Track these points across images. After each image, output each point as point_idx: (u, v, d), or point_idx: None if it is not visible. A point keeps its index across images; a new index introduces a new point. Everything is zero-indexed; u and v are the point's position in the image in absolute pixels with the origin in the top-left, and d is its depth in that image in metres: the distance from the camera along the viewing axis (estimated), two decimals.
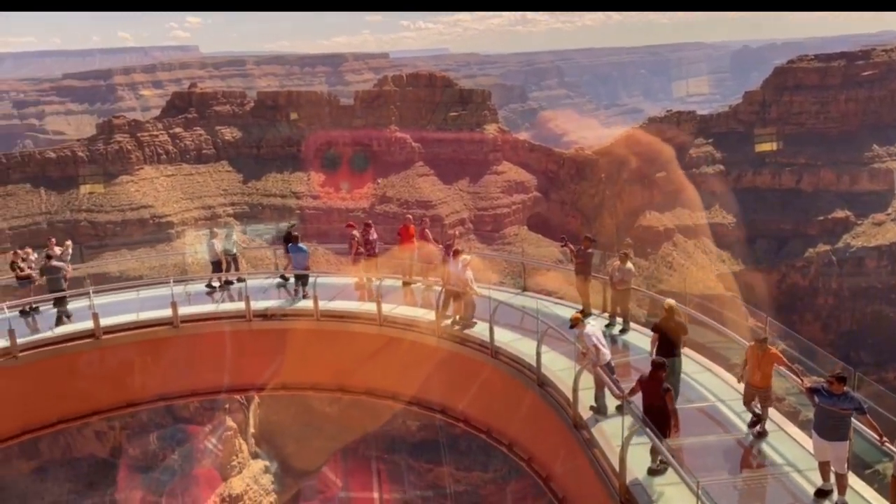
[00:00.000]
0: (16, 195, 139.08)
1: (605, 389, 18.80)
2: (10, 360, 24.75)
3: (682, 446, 17.33)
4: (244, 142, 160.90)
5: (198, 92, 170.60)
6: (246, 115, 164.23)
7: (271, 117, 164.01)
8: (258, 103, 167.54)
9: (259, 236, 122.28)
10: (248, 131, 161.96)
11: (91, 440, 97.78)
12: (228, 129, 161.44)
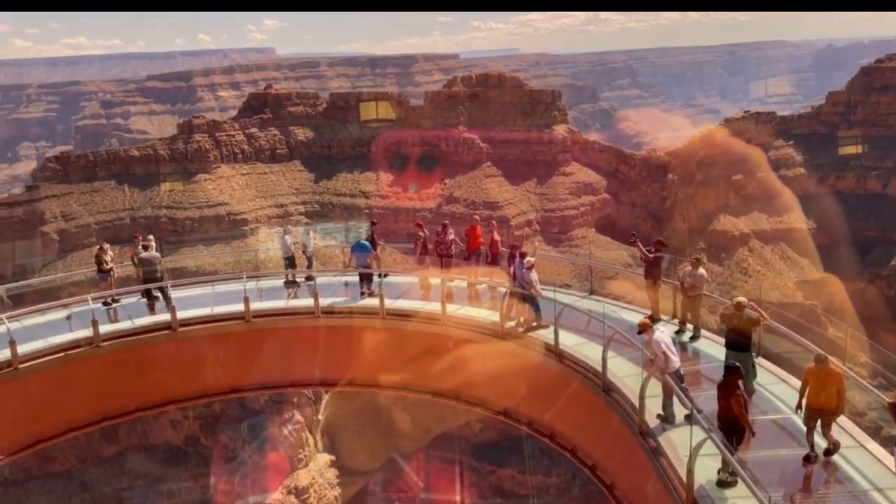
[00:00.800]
0: (102, 191, 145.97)
1: (673, 398, 18.32)
2: (93, 350, 25.97)
3: (754, 459, 16.70)
4: (316, 142, 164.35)
5: (273, 93, 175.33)
6: (318, 115, 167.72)
7: (342, 118, 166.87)
8: (330, 104, 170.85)
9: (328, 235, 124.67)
10: (319, 131, 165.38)
11: (166, 428, 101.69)
12: (301, 130, 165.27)
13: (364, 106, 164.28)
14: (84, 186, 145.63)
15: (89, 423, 27.79)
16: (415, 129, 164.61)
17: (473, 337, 26.42)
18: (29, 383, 24.81)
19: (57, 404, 25.93)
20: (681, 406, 18.05)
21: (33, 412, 25.42)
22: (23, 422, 25.24)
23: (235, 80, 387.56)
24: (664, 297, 25.50)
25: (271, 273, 35.20)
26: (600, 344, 21.43)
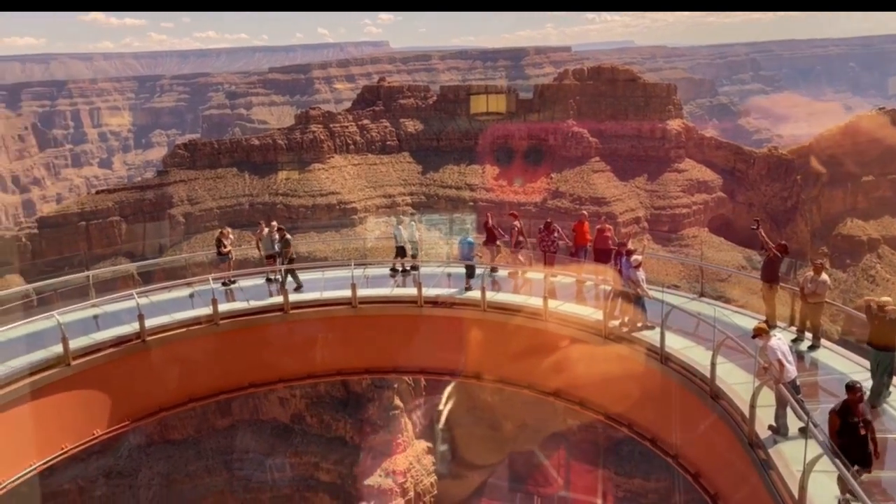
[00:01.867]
0: (224, 178, 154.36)
1: (787, 408, 17.38)
2: (212, 327, 27.61)
3: (879, 479, 15.55)
4: (425, 134, 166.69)
5: (385, 86, 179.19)
6: (428, 108, 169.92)
7: (452, 111, 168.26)
8: (440, 97, 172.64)
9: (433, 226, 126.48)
10: (429, 124, 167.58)
11: (275, 405, 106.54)
12: (411, 122, 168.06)
13: (475, 99, 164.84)
14: (208, 173, 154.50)
15: (207, 396, 29.58)
16: (523, 123, 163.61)
17: (576, 335, 26.07)
18: (154, 355, 26.68)
19: (179, 376, 27.73)
20: (795, 418, 17.11)
21: (157, 382, 27.30)
22: (148, 391, 27.16)
23: (351, 72, 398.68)
24: (781, 303, 24.19)
25: (378, 261, 36.09)
26: (709, 349, 20.64)
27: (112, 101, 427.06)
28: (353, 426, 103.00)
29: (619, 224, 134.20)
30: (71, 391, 24.40)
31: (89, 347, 25.13)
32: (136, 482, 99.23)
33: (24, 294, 29.54)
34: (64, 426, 24.38)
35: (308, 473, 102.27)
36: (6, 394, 22.11)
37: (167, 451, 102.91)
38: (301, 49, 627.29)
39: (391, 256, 33.49)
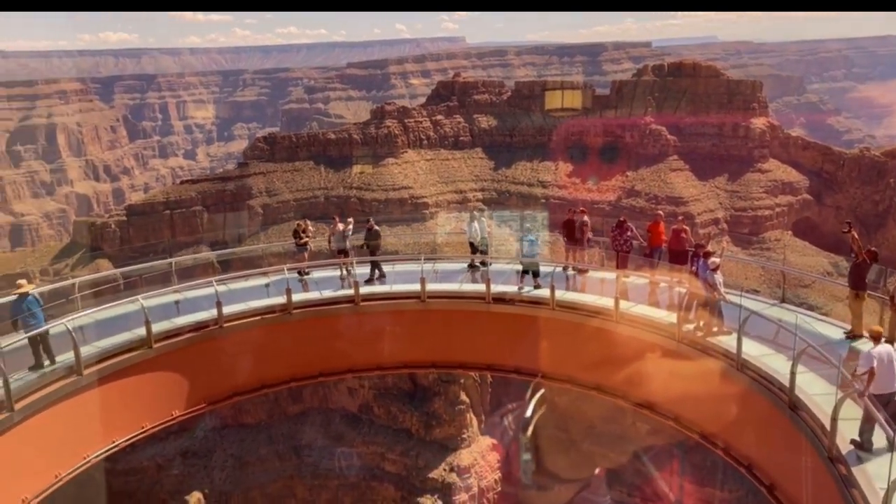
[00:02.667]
0: (301, 171, 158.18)
1: (873, 424, 16.48)
2: (285, 316, 28.34)
3: None
4: (498, 130, 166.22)
5: (460, 81, 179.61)
6: (502, 104, 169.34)
7: (526, 107, 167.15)
8: (514, 93, 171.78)
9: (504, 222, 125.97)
10: (502, 120, 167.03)
11: (344, 395, 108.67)
12: (485, 118, 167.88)
13: (549, 95, 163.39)
14: (286, 165, 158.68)
15: (279, 383, 30.40)
16: (598, 119, 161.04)
17: (648, 338, 25.49)
18: (231, 341, 27.59)
19: (253, 363, 28.59)
20: (882, 434, 16.22)
21: (233, 368, 28.22)
22: (224, 376, 28.11)
23: (426, 68, 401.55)
24: (868, 312, 22.95)
25: (447, 256, 36.24)
26: (789, 357, 19.80)
27: (197, 94, 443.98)
28: (418, 419, 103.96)
29: (697, 225, 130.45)
30: (152, 373, 25.48)
31: (170, 331, 26.18)
32: (209, 463, 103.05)
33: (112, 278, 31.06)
34: (144, 406, 25.50)
35: (374, 463, 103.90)
36: (92, 373, 23.28)
37: (240, 434, 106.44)
38: (378, 45, 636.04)
39: (461, 252, 33.54)
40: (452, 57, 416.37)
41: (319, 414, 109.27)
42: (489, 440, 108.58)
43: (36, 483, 21.59)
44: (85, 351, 23.37)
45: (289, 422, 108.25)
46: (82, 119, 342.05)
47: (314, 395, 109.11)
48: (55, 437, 22.43)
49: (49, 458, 22.28)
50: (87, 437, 23.71)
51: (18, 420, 20.62)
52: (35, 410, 21.29)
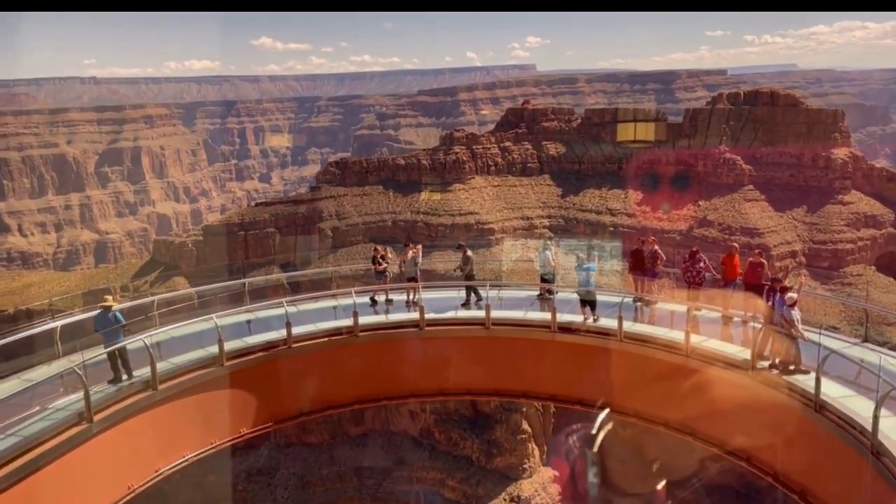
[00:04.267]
0: (370, 195, 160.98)
1: None
2: (352, 339, 28.72)
3: None
4: (567, 157, 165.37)
5: (529, 108, 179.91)
6: (571, 131, 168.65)
7: (595, 134, 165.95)
8: (584, 120, 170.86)
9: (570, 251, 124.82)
10: (571, 147, 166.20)
11: (405, 418, 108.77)
12: (553, 145, 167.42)
13: (622, 127, 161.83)
14: (356, 190, 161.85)
15: (344, 404, 30.73)
16: (671, 148, 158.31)
17: (719, 373, 24.67)
18: (299, 362, 28.11)
19: (319, 383, 29.02)
20: None
21: (300, 388, 28.72)
22: (291, 395, 28.63)
23: (496, 95, 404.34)
24: None
25: (513, 284, 36.07)
26: (872, 399, 18.80)
27: (274, 120, 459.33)
28: (479, 447, 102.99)
29: (773, 258, 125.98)
30: (222, 390, 26.18)
31: (241, 350, 26.87)
32: (273, 481, 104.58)
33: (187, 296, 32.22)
34: (214, 423, 26.16)
35: (433, 489, 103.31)
36: (166, 388, 24.10)
37: (303, 453, 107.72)
38: (449, 72, 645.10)
39: (527, 279, 33.34)
40: (522, 84, 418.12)
41: (381, 436, 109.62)
42: (551, 472, 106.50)
43: (110, 494, 22.37)
44: (161, 367, 24.22)
45: (350, 443, 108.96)
46: (165, 143, 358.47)
47: (376, 417, 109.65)
48: (130, 449, 23.24)
49: (123, 469, 23.08)
50: (159, 450, 24.48)
51: (96, 432, 21.47)
52: (112, 423, 22.14)
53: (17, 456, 19.16)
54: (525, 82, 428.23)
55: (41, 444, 19.90)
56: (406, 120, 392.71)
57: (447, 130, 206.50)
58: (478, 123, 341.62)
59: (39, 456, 19.62)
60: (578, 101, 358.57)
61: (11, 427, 20.13)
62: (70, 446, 20.55)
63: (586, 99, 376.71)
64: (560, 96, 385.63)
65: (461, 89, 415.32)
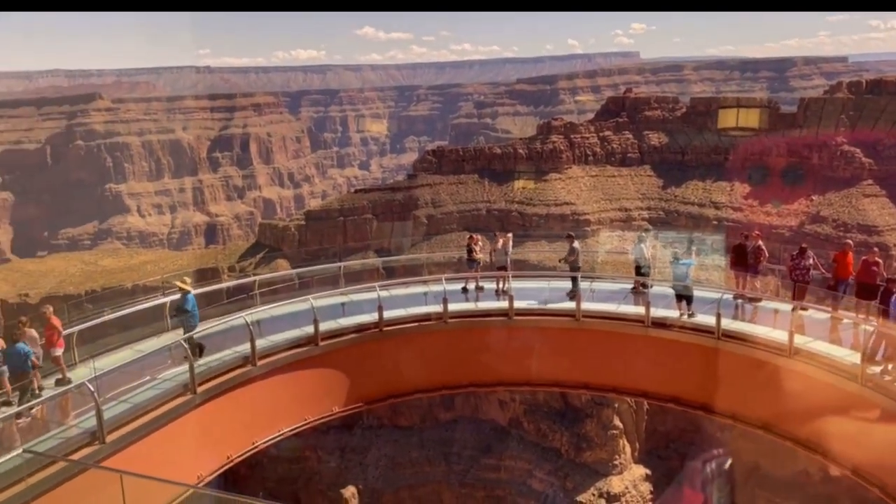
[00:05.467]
0: (466, 184, 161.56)
1: None
2: (441, 325, 29.06)
3: None
4: (669, 147, 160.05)
5: (631, 97, 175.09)
6: (675, 120, 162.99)
7: (701, 124, 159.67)
8: (689, 109, 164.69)
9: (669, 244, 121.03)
10: (674, 137, 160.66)
11: (494, 406, 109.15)
12: (655, 134, 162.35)
13: (723, 113, 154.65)
14: (452, 178, 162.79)
15: (432, 389, 31.20)
16: (782, 138, 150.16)
17: (825, 377, 23.36)
18: (389, 345, 28.72)
19: (408, 367, 29.54)
20: None
21: (390, 370, 29.34)
22: (381, 377, 29.30)
23: (597, 83, 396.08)
24: None
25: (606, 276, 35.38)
26: None
27: (374, 108, 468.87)
28: (568, 440, 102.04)
29: (893, 257, 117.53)
30: (316, 369, 27.11)
31: (335, 331, 27.72)
32: (365, 460, 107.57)
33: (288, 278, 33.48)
34: (308, 400, 27.15)
35: (520, 479, 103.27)
36: (264, 364, 25.19)
37: (394, 435, 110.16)
38: (549, 60, 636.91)
39: (620, 272, 32.62)
40: (625, 72, 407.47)
41: (470, 423, 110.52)
42: (642, 469, 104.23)
43: (210, 462, 23.66)
44: (260, 344, 25.33)
45: (440, 428, 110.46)
46: (272, 130, 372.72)
47: (466, 404, 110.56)
48: (229, 420, 24.48)
49: (222, 440, 24.35)
50: (256, 423, 25.66)
51: (199, 402, 22.74)
52: (214, 395, 23.38)
53: (129, 421, 20.57)
54: (627, 70, 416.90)
55: (150, 412, 21.27)
56: (504, 108, 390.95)
57: (545, 119, 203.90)
58: (577, 112, 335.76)
59: (148, 422, 20.99)
60: (683, 89, 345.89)
61: (124, 394, 21.60)
62: (175, 415, 21.86)
63: (692, 87, 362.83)
64: (664, 84, 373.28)
65: (561, 77, 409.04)
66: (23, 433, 19.47)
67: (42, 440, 19.12)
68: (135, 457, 19.87)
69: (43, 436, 19.40)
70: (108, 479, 16.51)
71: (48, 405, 21.12)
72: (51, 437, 19.38)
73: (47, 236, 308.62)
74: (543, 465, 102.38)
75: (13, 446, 18.15)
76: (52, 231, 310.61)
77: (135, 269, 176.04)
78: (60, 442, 19.18)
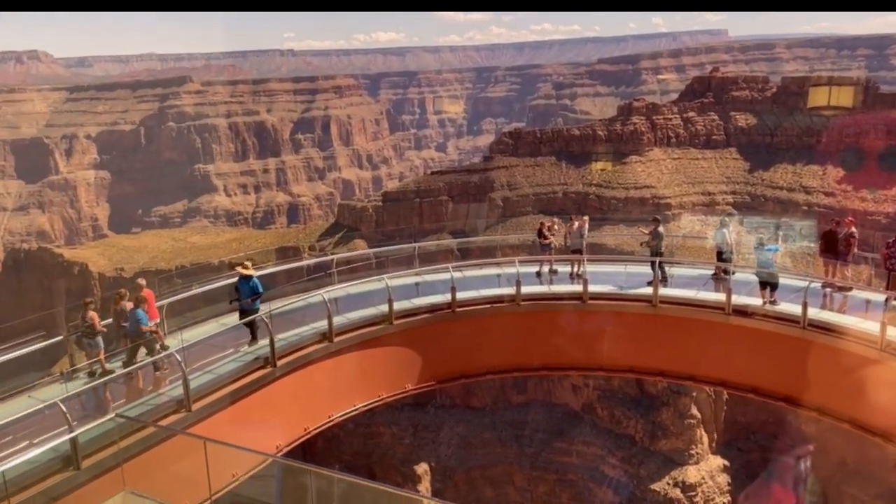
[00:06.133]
0: (542, 166, 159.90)
1: None
2: (513, 306, 29.03)
3: None
4: (758, 129, 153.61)
5: (718, 76, 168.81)
6: (765, 101, 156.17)
7: (792, 105, 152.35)
8: (780, 89, 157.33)
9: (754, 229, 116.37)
10: (763, 118, 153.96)
11: (567, 391, 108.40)
12: (743, 116, 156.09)
13: (814, 91, 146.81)
14: (528, 160, 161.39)
15: (503, 370, 31.26)
16: (881, 118, 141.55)
17: None
18: (461, 325, 28.91)
19: (480, 348, 29.71)
20: None
21: (461, 351, 29.57)
22: (453, 357, 29.58)
23: (682, 63, 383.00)
24: None
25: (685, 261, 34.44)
26: None
27: (452, 90, 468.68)
28: (643, 427, 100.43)
29: None
30: (390, 347, 27.61)
31: (409, 311, 28.12)
32: (437, 438, 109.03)
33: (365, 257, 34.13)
34: (382, 377, 27.72)
35: (593, 464, 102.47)
36: (340, 341, 25.84)
37: (466, 415, 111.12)
38: (632, 39, 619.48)
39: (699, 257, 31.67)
40: (712, 51, 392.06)
41: (542, 407, 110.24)
42: (720, 460, 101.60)
43: (288, 433, 24.54)
44: (336, 321, 25.99)
45: (512, 410, 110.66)
46: (352, 112, 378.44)
47: (538, 387, 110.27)
48: (306, 394, 25.30)
49: (300, 412, 25.20)
50: (332, 398, 26.41)
51: (279, 375, 23.58)
52: (292, 369, 24.18)
53: (213, 391, 21.56)
54: (715, 49, 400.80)
55: (232, 383, 22.22)
56: (583, 90, 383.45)
57: (626, 100, 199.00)
58: (660, 93, 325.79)
59: (231, 393, 21.94)
60: (774, 68, 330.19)
61: (209, 366, 22.64)
62: (255, 387, 22.76)
63: (783, 66, 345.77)
64: (753, 63, 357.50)
65: (644, 57, 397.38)
66: (115, 398, 20.70)
67: (134, 406, 20.28)
68: (217, 425, 20.81)
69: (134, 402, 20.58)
70: (193, 446, 17.36)
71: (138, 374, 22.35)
72: (141, 403, 20.52)
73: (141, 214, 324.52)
74: (616, 451, 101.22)
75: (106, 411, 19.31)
76: (145, 209, 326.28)
77: (221, 246, 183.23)
78: (150, 409, 20.28)
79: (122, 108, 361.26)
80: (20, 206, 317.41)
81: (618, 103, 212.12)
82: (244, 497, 19.96)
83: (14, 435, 17.03)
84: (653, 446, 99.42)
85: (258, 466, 19.97)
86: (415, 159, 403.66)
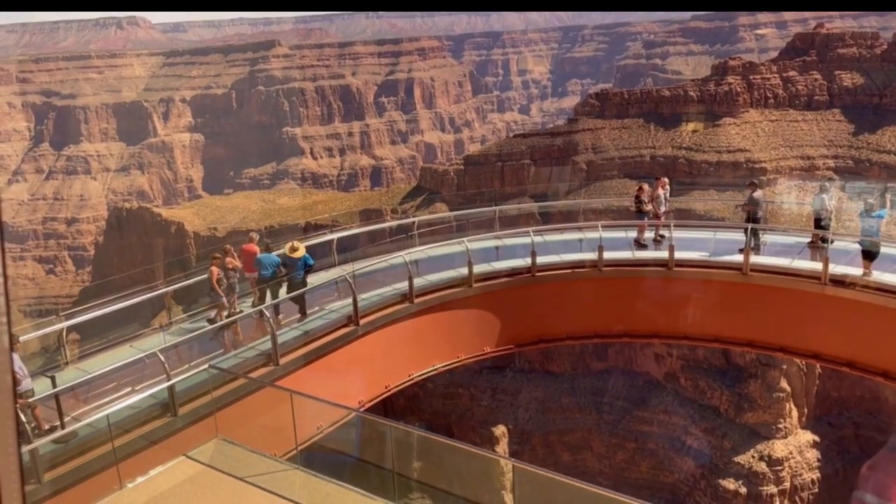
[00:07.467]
0: (630, 128, 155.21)
1: None
2: (595, 272, 28.62)
3: None
4: (865, 89, 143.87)
5: (823, 33, 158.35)
6: (874, 58, 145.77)
7: None
8: (891, 46, 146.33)
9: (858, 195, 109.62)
10: (871, 77, 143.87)
11: (649, 359, 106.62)
12: (849, 75, 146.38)
13: None
14: (615, 122, 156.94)
15: (582, 336, 31.03)
16: None
17: None
18: (541, 290, 28.78)
19: (559, 312, 29.52)
20: None
21: (540, 315, 29.46)
22: (532, 321, 29.53)
23: (783, 18, 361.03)
24: None
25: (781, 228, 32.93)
26: None
27: (537, 50, 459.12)
28: (729, 399, 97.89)
29: None
30: (469, 310, 27.83)
31: (488, 274, 28.21)
32: (515, 401, 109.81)
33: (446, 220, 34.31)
34: (461, 339, 28.02)
35: (675, 434, 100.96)
36: (421, 302, 26.24)
37: (545, 380, 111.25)
38: None
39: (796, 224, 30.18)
40: None
41: (623, 374, 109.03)
42: (810, 436, 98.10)
43: (370, 390, 25.28)
44: (417, 283, 26.38)
45: (592, 377, 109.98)
46: (435, 74, 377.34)
47: (619, 355, 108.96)
48: (388, 353, 25.92)
49: (382, 370, 25.87)
50: (412, 357, 26.96)
51: (361, 334, 24.22)
52: (374, 328, 24.79)
53: (299, 347, 22.40)
54: None
55: (317, 339, 23.01)
56: (675, 48, 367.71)
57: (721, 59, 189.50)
58: (758, 51, 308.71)
59: (316, 349, 22.74)
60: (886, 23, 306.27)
61: (294, 323, 23.52)
62: (339, 344, 23.48)
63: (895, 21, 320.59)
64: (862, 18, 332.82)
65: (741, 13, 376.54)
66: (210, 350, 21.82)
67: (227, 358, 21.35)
68: (303, 379, 21.64)
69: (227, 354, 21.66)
70: (280, 398, 18.18)
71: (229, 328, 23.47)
72: (232, 356, 21.57)
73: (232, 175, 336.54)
74: (700, 422, 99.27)
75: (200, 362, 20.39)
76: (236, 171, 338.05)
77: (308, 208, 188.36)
78: (240, 361, 21.30)
79: (214, 72, 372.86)
80: (122, 167, 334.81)
81: (712, 62, 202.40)
82: (326, 448, 20.79)
83: (118, 381, 18.23)
84: (738, 419, 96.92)
85: (342, 420, 20.68)
86: (497, 122, 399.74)
